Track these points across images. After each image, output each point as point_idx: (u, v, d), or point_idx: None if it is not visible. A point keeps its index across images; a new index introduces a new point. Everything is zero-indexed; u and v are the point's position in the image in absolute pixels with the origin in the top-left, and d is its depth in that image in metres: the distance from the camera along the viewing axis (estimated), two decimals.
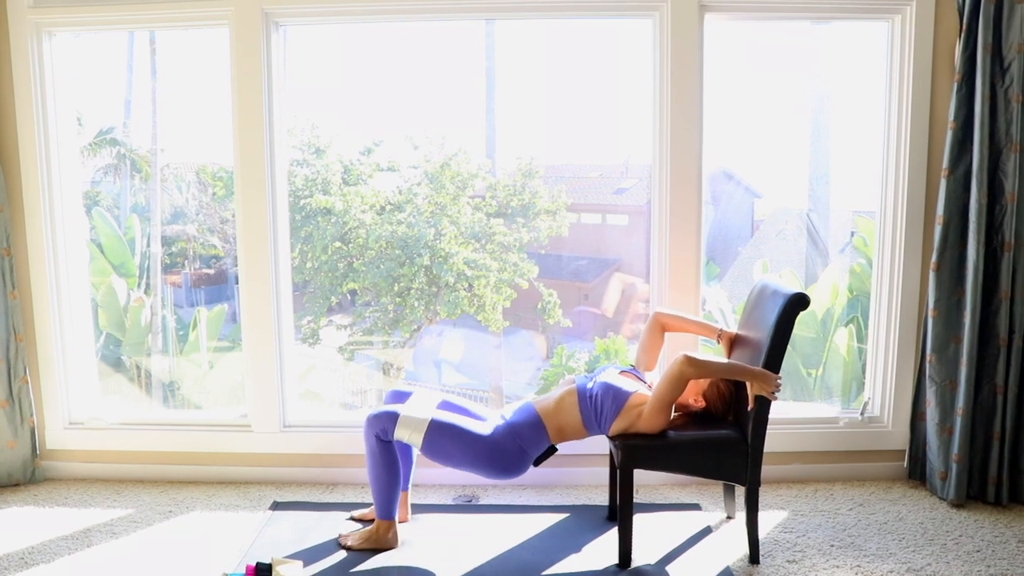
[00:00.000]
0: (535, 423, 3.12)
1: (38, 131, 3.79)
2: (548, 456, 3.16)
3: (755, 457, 3.03)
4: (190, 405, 5.99)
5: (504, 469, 3.08)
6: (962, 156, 3.57)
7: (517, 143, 6.79)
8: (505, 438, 3.08)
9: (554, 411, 3.15)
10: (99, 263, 5.98)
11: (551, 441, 3.14)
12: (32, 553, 3.21)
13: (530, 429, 3.11)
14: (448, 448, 3.06)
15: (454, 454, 3.07)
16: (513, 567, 3.09)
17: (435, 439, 3.04)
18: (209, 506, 3.69)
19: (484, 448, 3.05)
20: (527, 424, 3.12)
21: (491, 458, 3.06)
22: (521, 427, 3.11)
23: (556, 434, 3.14)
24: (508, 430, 3.10)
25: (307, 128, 6.63)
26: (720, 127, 4.27)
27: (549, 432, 3.13)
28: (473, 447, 3.05)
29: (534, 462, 3.14)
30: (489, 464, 3.07)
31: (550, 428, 3.13)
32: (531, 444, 3.10)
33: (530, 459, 3.12)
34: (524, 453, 3.10)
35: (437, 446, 3.05)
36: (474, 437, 3.06)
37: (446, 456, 3.08)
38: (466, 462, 3.08)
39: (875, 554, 3.19)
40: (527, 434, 3.10)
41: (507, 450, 3.07)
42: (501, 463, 3.07)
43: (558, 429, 3.14)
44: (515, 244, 6.60)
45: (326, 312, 6.71)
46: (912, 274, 3.82)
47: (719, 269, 6.63)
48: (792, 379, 5.57)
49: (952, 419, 3.66)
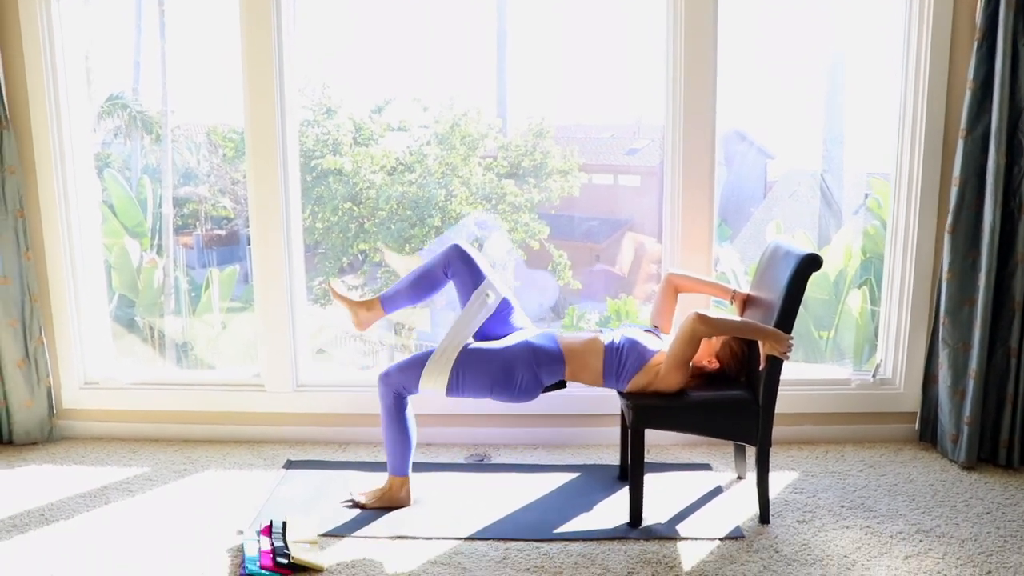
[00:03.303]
0: (556, 356, 3.14)
1: (48, 94, 3.78)
2: (557, 388, 3.22)
3: (766, 418, 3.04)
4: (203, 365, 6.02)
5: (517, 392, 3.13)
6: (981, 116, 3.52)
7: (528, 103, 6.73)
8: (522, 362, 3.11)
9: (579, 352, 3.16)
10: (111, 224, 5.99)
11: (564, 376, 3.17)
12: (51, 510, 3.26)
13: (549, 359, 3.13)
14: (469, 380, 3.11)
15: (474, 386, 3.12)
16: (524, 525, 3.13)
17: (458, 376, 3.10)
18: (223, 465, 3.73)
19: (502, 371, 3.10)
20: (548, 354, 3.14)
21: (507, 382, 3.10)
22: (541, 353, 3.13)
23: (572, 374, 3.17)
24: (528, 352, 3.13)
25: (318, 88, 6.58)
26: (733, 86, 4.21)
27: (567, 369, 3.15)
28: (494, 371, 3.10)
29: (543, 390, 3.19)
30: (504, 387, 3.11)
31: (569, 366, 3.15)
32: (546, 373, 3.14)
33: (542, 386, 3.16)
34: (537, 380, 3.13)
35: (459, 382, 3.11)
36: (495, 358, 3.11)
37: (465, 389, 3.14)
38: (484, 389, 3.13)
39: (885, 515, 3.21)
40: (545, 362, 3.13)
41: (523, 374, 3.10)
42: (515, 386, 3.11)
43: (576, 370, 3.16)
44: (526, 205, 6.57)
45: (337, 272, 6.71)
46: (927, 236, 3.79)
47: (731, 231, 6.59)
48: (804, 341, 5.55)
49: (964, 382, 3.65)
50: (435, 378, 3.10)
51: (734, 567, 2.82)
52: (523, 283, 6.68)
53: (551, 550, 2.94)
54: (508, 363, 3.10)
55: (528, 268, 6.66)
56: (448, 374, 3.09)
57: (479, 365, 3.11)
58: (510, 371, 3.10)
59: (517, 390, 3.12)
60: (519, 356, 3.12)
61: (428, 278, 3.31)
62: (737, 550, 2.94)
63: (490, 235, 6.54)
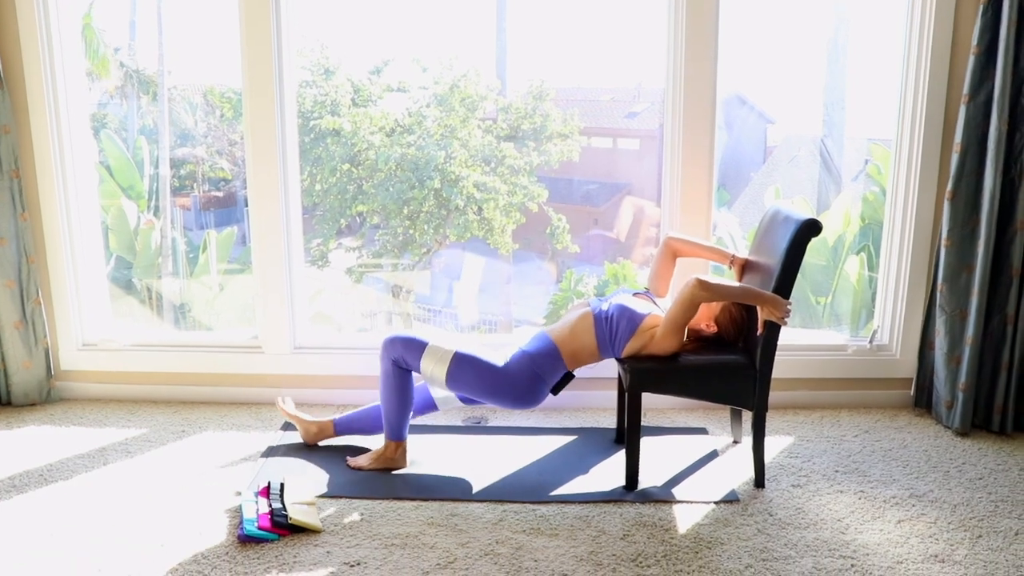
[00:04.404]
0: (551, 351, 3.14)
1: (42, 52, 3.73)
2: (565, 383, 3.19)
3: (763, 382, 3.05)
4: (201, 327, 6.03)
5: (523, 398, 3.12)
6: (984, 82, 3.49)
7: (528, 65, 6.68)
8: (522, 367, 3.11)
9: (569, 337, 3.16)
10: (108, 185, 5.96)
11: (567, 368, 3.16)
12: (51, 470, 3.28)
13: (546, 357, 3.13)
14: (469, 380, 3.10)
15: (475, 386, 3.11)
16: (521, 487, 3.15)
17: (457, 372, 3.08)
18: (221, 426, 3.75)
19: (503, 378, 3.09)
20: (543, 353, 3.13)
21: (510, 388, 3.10)
22: (537, 356, 3.13)
23: (571, 360, 3.16)
24: (525, 359, 3.12)
25: (316, 48, 6.52)
26: (735, 50, 4.17)
27: (565, 358, 3.14)
28: (493, 378, 3.09)
29: (552, 390, 3.17)
30: (509, 394, 3.11)
31: (565, 354, 3.14)
32: (548, 372, 3.13)
33: (548, 387, 3.15)
34: (542, 381, 3.12)
35: (458, 377, 3.10)
36: (494, 368, 3.10)
37: (467, 387, 3.13)
38: (486, 393, 3.13)
39: (879, 480, 3.23)
40: (543, 362, 3.12)
41: (525, 379, 3.10)
42: (520, 392, 3.11)
43: (573, 354, 3.15)
44: (525, 168, 6.55)
45: (335, 235, 6.71)
46: (926, 203, 3.78)
47: (730, 195, 6.57)
48: (801, 307, 5.57)
49: (961, 348, 3.66)
50: (434, 366, 3.10)
51: (729, 530, 2.84)
52: (517, 277, 6.69)
53: (547, 512, 2.97)
54: (506, 374, 3.10)
55: (518, 263, 6.66)
56: (447, 367, 3.09)
57: (474, 369, 3.10)
58: (509, 381, 3.09)
59: (520, 397, 3.12)
60: (516, 365, 3.11)
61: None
62: (732, 513, 2.97)
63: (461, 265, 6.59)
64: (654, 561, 2.64)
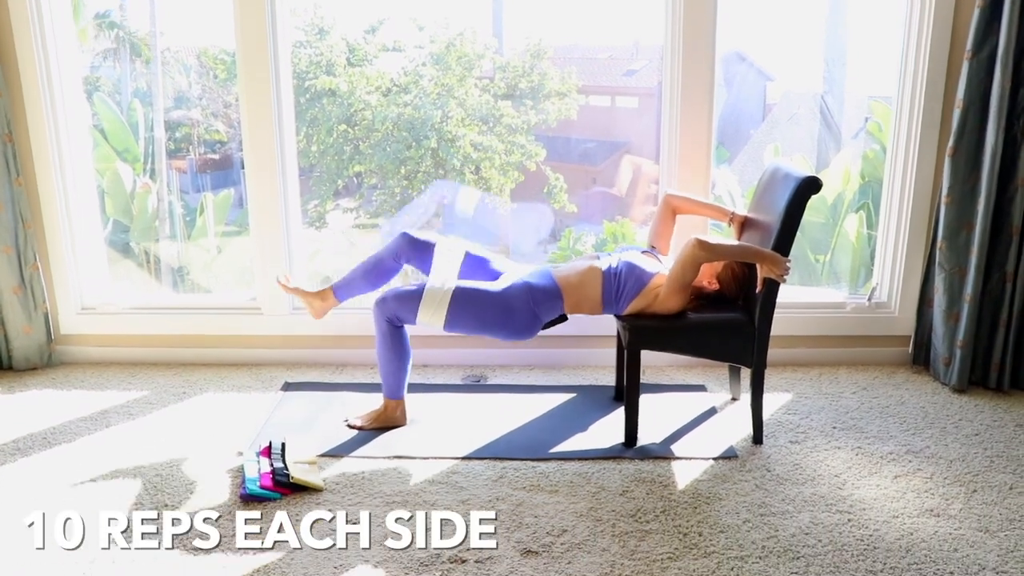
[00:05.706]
0: (553, 291, 3.14)
1: (32, 14, 3.68)
2: (558, 323, 3.22)
3: (761, 340, 3.06)
4: (199, 290, 6.02)
5: (516, 331, 3.14)
6: (988, 38, 3.45)
7: (525, 23, 6.60)
8: (520, 301, 3.11)
9: (576, 284, 3.16)
10: (103, 149, 5.91)
11: (564, 311, 3.17)
12: (54, 433, 3.29)
13: (547, 295, 3.13)
14: (467, 320, 3.11)
15: (472, 323, 3.12)
16: (520, 445, 3.17)
17: (455, 314, 3.09)
18: (222, 387, 3.76)
19: (502, 312, 3.09)
20: (545, 290, 3.13)
21: (507, 322, 3.11)
22: (538, 292, 3.13)
23: (572, 306, 3.17)
24: (525, 292, 3.12)
25: (310, 8, 6.44)
26: (733, 6, 4.11)
27: (566, 303, 3.15)
28: (491, 309, 3.10)
29: (543, 326, 3.19)
30: (503, 326, 3.12)
31: (568, 299, 3.15)
32: (545, 310, 3.14)
33: (541, 323, 3.16)
34: (536, 318, 3.14)
35: (456, 319, 3.10)
36: (491, 298, 3.10)
37: (464, 328, 3.14)
38: (482, 330, 3.14)
39: (876, 436, 3.26)
40: (543, 300, 3.12)
41: (521, 313, 3.11)
42: (515, 328, 3.13)
43: (576, 302, 3.16)
44: (523, 126, 6.49)
45: (332, 195, 6.67)
46: (927, 160, 3.76)
47: (729, 153, 6.53)
48: (800, 264, 5.56)
49: (959, 306, 3.66)
50: (431, 313, 3.10)
51: (727, 486, 2.87)
52: (516, 215, 6.65)
53: (547, 469, 2.99)
54: (505, 303, 3.10)
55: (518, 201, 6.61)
56: (445, 311, 3.09)
57: (474, 304, 3.09)
58: (507, 311, 3.09)
59: (515, 329, 3.13)
60: (516, 296, 3.11)
61: (380, 267, 3.33)
62: (730, 469, 2.99)
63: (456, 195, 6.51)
64: (653, 516, 2.67)
